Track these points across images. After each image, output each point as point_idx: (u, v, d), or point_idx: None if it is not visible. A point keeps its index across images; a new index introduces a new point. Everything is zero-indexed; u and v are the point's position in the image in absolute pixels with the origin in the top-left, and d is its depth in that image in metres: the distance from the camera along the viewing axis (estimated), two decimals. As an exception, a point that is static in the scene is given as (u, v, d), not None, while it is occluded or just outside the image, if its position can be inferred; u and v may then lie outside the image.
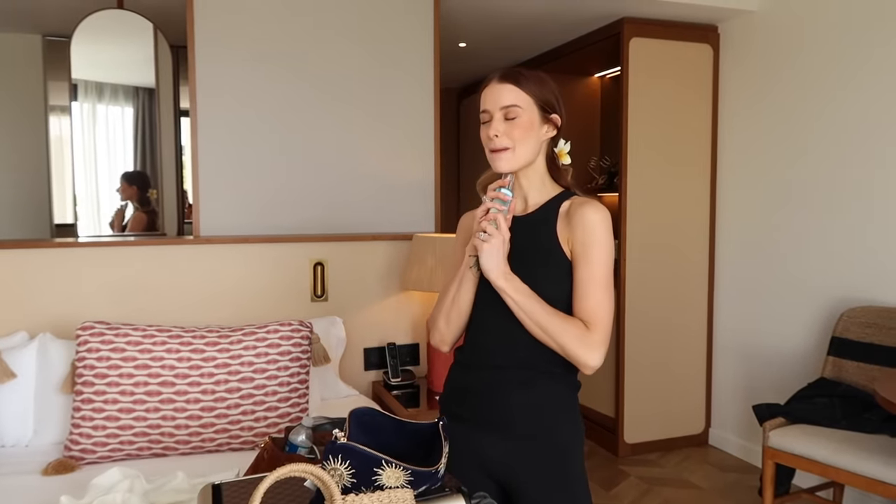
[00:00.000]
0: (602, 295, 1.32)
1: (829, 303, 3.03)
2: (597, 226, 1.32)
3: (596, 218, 1.33)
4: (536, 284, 1.32)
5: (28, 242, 2.52)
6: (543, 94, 1.37)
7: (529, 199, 1.42)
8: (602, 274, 1.33)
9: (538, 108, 1.36)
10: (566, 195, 1.42)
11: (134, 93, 3.50)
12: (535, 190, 1.42)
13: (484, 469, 1.39)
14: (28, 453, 2.10)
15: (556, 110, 1.39)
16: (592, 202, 1.36)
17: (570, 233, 1.35)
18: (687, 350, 3.69)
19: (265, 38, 2.81)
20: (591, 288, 1.32)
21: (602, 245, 1.33)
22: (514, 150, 1.35)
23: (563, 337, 1.29)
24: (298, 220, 2.88)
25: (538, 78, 1.38)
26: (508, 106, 1.34)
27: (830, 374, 2.75)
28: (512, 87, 1.35)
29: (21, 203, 3.86)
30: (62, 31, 3.57)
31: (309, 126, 2.89)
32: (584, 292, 1.32)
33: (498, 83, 1.36)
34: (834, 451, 2.32)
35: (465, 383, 1.44)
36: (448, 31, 3.64)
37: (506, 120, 1.35)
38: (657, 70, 3.52)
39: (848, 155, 2.95)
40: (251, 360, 2.16)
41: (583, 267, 1.33)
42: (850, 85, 2.93)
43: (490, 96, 1.37)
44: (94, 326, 2.11)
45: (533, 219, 1.40)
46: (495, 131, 1.35)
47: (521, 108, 1.34)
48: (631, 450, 3.60)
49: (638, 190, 3.52)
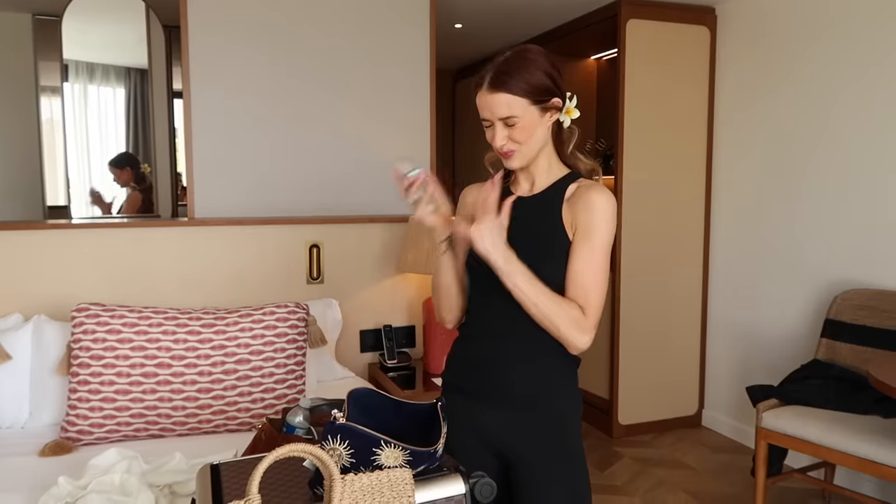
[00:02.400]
0: (598, 278, 1.33)
1: (823, 285, 3.05)
2: (600, 209, 1.32)
3: (600, 201, 1.33)
4: (535, 263, 1.32)
5: (21, 224, 2.50)
6: (536, 86, 1.32)
7: (536, 181, 1.43)
8: (600, 257, 1.33)
9: (535, 104, 1.33)
10: (573, 177, 1.41)
11: (126, 73, 3.46)
12: (542, 173, 1.42)
13: (484, 441, 1.41)
14: (24, 435, 2.10)
15: (555, 92, 1.36)
16: (599, 186, 1.36)
17: (572, 214, 1.35)
18: (681, 332, 3.71)
19: (259, 19, 2.78)
20: (589, 271, 1.32)
21: (603, 228, 1.32)
22: (521, 150, 1.36)
23: (558, 318, 1.30)
24: (294, 202, 2.86)
25: (527, 68, 1.32)
26: (507, 118, 1.32)
27: (824, 356, 2.77)
28: (504, 97, 1.31)
29: (13, 185, 3.82)
30: (53, 9, 3.51)
31: (304, 107, 2.87)
32: (581, 275, 1.33)
33: (489, 93, 1.32)
34: (826, 432, 2.34)
35: (466, 355, 1.46)
36: (444, 12, 3.60)
37: (507, 126, 1.33)
38: (654, 52, 3.50)
39: (844, 138, 2.95)
40: (248, 342, 2.16)
41: (582, 248, 1.33)
42: (847, 68, 2.93)
43: (484, 105, 1.34)
44: (89, 308, 2.11)
45: (537, 199, 1.41)
46: (500, 140, 1.34)
47: (519, 116, 1.32)
48: (625, 431, 3.63)
49: (633, 173, 3.52)
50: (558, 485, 1.37)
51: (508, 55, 1.35)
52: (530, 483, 1.38)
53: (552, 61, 1.36)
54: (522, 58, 1.33)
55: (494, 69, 1.33)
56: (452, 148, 5.57)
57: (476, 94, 1.36)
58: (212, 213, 2.74)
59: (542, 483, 1.37)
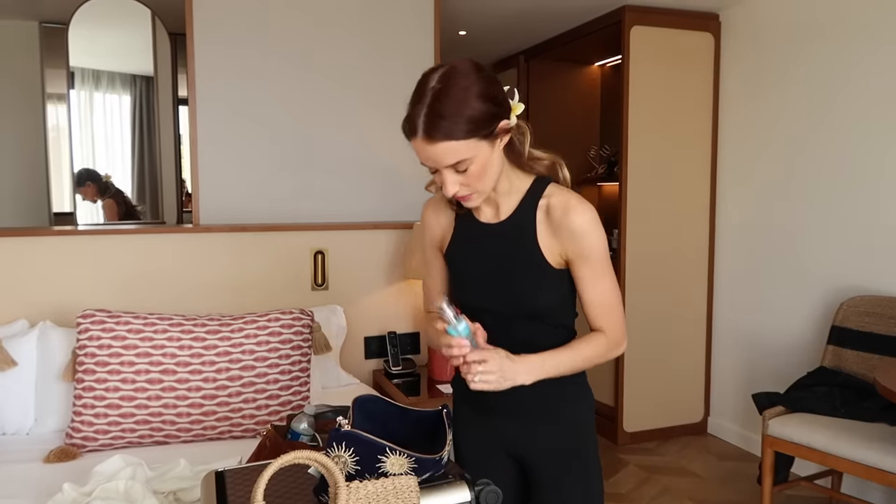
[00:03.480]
0: (610, 297, 1.31)
1: (829, 292, 3.04)
2: (586, 230, 1.25)
3: (582, 224, 1.24)
4: (524, 296, 1.29)
5: (27, 230, 2.51)
6: (480, 119, 1.14)
7: (501, 206, 1.31)
8: (605, 276, 1.30)
9: (484, 138, 1.16)
10: (539, 186, 1.29)
11: (131, 81, 3.48)
12: (504, 195, 1.30)
13: (499, 446, 1.41)
14: (29, 441, 2.10)
15: (499, 115, 1.18)
16: (571, 203, 1.25)
17: (558, 243, 1.27)
18: (686, 339, 3.70)
19: (264, 26, 2.79)
20: (601, 295, 1.30)
21: (597, 246, 1.27)
22: (479, 191, 1.23)
23: (597, 360, 1.31)
24: (298, 209, 2.87)
25: (464, 101, 1.13)
26: (456, 163, 1.17)
27: (830, 363, 2.75)
28: (446, 145, 1.14)
29: (19, 191, 3.84)
30: (59, 17, 3.54)
31: (308, 114, 2.87)
32: (597, 304, 1.30)
33: (426, 143, 1.15)
34: (833, 440, 2.33)
35: None
36: (448, 19, 3.61)
37: (457, 172, 1.19)
38: (658, 58, 3.51)
39: (849, 144, 2.95)
40: (252, 349, 2.16)
41: (586, 275, 1.28)
42: (852, 74, 2.92)
43: (425, 156, 1.18)
44: (94, 314, 2.11)
45: (508, 226, 1.30)
46: (453, 188, 1.20)
47: (469, 157, 1.16)
48: (630, 438, 3.61)
49: (638, 179, 3.51)
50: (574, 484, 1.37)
51: (438, 89, 1.14)
52: (547, 485, 1.38)
53: (486, 76, 1.18)
54: (455, 88, 1.14)
55: (426, 113, 1.14)
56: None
57: (410, 140, 1.19)
58: (217, 219, 2.75)
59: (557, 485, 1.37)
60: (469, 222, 1.36)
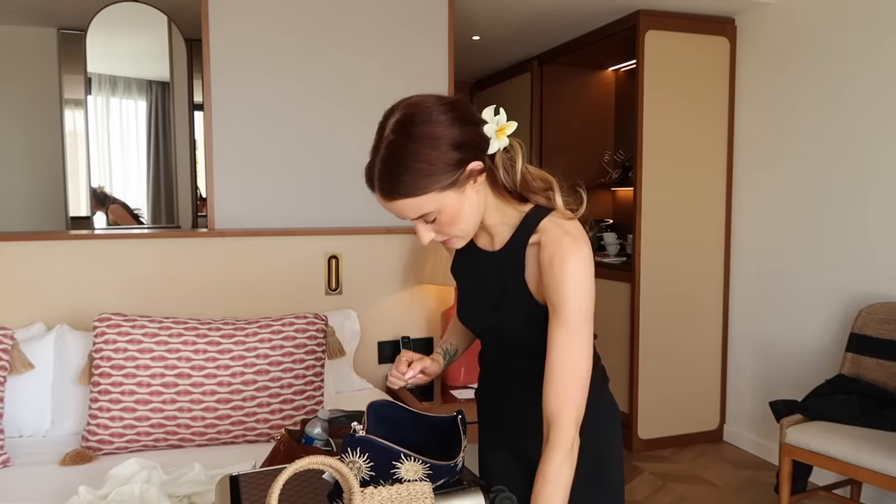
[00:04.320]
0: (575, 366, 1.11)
1: (848, 299, 3.00)
2: (568, 281, 1.10)
3: (566, 271, 1.10)
4: (510, 334, 1.25)
5: (45, 234, 2.53)
6: (439, 172, 1.05)
7: (495, 237, 1.24)
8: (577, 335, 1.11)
9: (447, 188, 1.07)
10: (531, 221, 1.18)
11: (147, 86, 3.51)
12: (497, 226, 1.22)
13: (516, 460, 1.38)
14: (46, 443, 2.12)
15: (468, 157, 1.08)
16: (563, 247, 1.11)
17: (542, 287, 1.15)
18: (702, 345, 3.66)
19: (280, 33, 2.81)
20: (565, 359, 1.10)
21: (572, 298, 1.10)
22: (458, 235, 1.16)
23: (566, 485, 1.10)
24: (312, 213, 2.88)
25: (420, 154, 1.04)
26: (421, 216, 1.10)
27: (849, 370, 2.72)
28: (403, 203, 1.07)
29: (37, 196, 3.88)
30: (77, 24, 3.58)
31: (323, 119, 2.88)
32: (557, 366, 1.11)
33: (384, 200, 1.09)
34: (852, 449, 2.30)
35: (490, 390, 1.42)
36: (462, 24, 3.62)
37: (427, 223, 1.12)
38: (673, 63, 3.49)
39: (866, 149, 2.91)
40: (267, 353, 2.16)
41: (556, 329, 1.11)
42: (869, 79, 2.89)
43: (390, 210, 1.11)
44: (110, 318, 2.12)
45: (500, 259, 1.23)
46: (426, 238, 1.14)
47: (433, 210, 1.08)
48: (645, 445, 3.58)
49: (653, 184, 3.49)
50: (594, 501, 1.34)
51: (391, 140, 1.07)
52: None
53: (450, 117, 1.07)
54: (410, 140, 1.05)
55: (379, 169, 1.07)
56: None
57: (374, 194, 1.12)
58: (231, 224, 2.76)
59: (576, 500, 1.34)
60: (470, 245, 1.30)
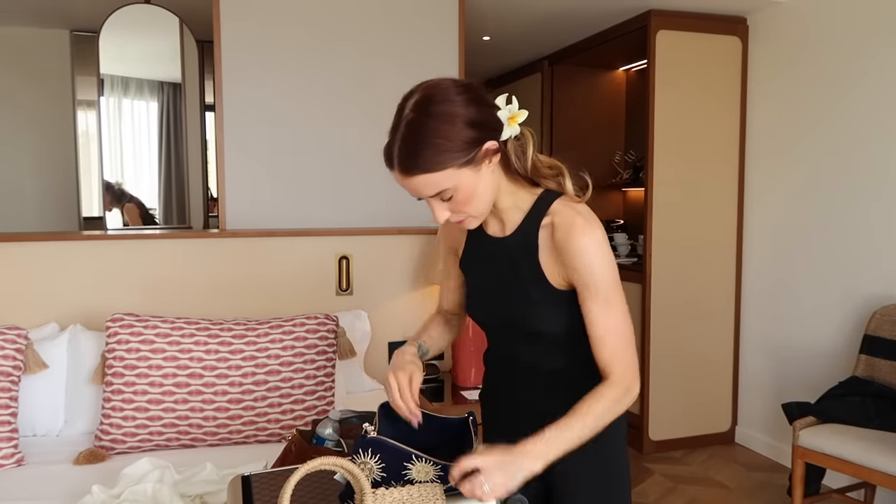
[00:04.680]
0: (620, 331, 1.17)
1: (861, 300, 2.97)
2: (589, 252, 1.14)
3: (587, 247, 1.14)
4: (523, 319, 1.24)
5: (58, 235, 2.55)
6: (456, 149, 1.09)
7: (506, 220, 1.26)
8: (611, 306, 1.17)
9: (464, 165, 1.10)
10: (543, 204, 1.21)
11: (159, 87, 3.54)
12: (508, 210, 1.24)
13: None
14: (59, 443, 2.14)
15: (483, 136, 1.11)
16: (576, 225, 1.15)
17: (561, 265, 1.18)
18: (713, 346, 3.64)
19: (290, 34, 2.82)
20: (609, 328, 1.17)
21: (604, 272, 1.15)
22: (472, 214, 1.18)
23: (608, 418, 1.16)
24: (323, 214, 2.88)
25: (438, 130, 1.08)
26: (437, 193, 1.12)
27: (863, 372, 2.69)
28: (421, 178, 1.10)
29: (50, 196, 3.92)
30: (90, 26, 3.61)
31: (334, 120, 2.89)
32: (605, 340, 1.17)
33: (403, 177, 1.12)
34: (866, 451, 2.28)
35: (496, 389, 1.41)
36: (472, 24, 3.62)
37: (443, 201, 1.14)
38: (684, 63, 3.47)
39: (880, 149, 2.89)
40: (278, 353, 2.17)
41: (593, 305, 1.16)
42: (881, 78, 2.86)
43: (406, 187, 1.14)
44: (123, 318, 2.14)
45: (511, 243, 1.25)
46: (443, 216, 1.16)
47: (450, 187, 1.11)
48: (655, 447, 3.57)
49: (664, 185, 3.48)
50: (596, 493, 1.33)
51: (410, 119, 1.11)
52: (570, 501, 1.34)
53: (468, 97, 1.12)
54: (429, 117, 1.09)
55: (399, 146, 1.11)
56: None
57: (389, 168, 1.15)
58: (242, 224, 2.77)
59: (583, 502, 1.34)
60: (479, 235, 1.33)
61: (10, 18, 3.66)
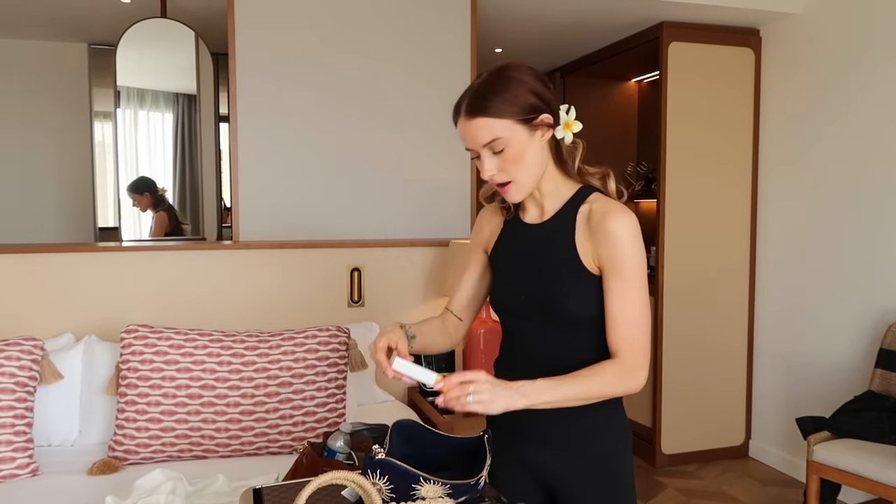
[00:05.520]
0: (637, 315, 1.23)
1: (877, 313, 2.94)
2: (622, 238, 1.21)
3: (620, 228, 1.21)
4: (562, 301, 1.26)
5: (73, 246, 2.58)
6: (519, 104, 1.20)
7: (546, 205, 1.32)
8: (636, 291, 1.23)
9: (520, 123, 1.20)
10: (583, 194, 1.30)
11: (174, 99, 3.58)
12: (549, 196, 1.31)
13: (529, 472, 1.37)
14: (73, 453, 2.15)
15: (542, 108, 1.23)
16: (613, 209, 1.24)
17: (593, 247, 1.24)
18: (727, 359, 3.62)
19: (303, 47, 2.84)
20: (627, 310, 1.23)
21: (632, 257, 1.22)
22: (517, 181, 1.25)
23: (606, 393, 1.23)
24: (335, 226, 2.90)
25: (506, 87, 1.20)
26: (491, 142, 1.20)
27: (878, 387, 2.67)
28: (483, 120, 1.19)
29: (66, 207, 3.97)
30: (108, 39, 3.67)
31: (346, 132, 2.91)
32: (620, 320, 1.23)
33: (467, 120, 1.21)
34: (882, 467, 2.25)
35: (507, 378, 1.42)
36: (484, 36, 3.63)
37: (494, 153, 1.22)
38: (697, 74, 3.47)
39: (894, 160, 2.87)
40: (290, 365, 2.18)
41: (615, 286, 1.23)
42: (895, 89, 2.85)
43: (465, 135, 1.23)
44: (137, 329, 2.16)
45: (549, 227, 1.31)
46: (490, 170, 1.23)
47: (504, 138, 1.20)
48: (668, 461, 3.54)
49: (676, 196, 3.47)
50: None
51: (485, 76, 1.24)
52: None
53: (537, 76, 1.24)
54: (501, 77, 1.22)
55: (471, 94, 1.23)
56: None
57: (455, 121, 1.25)
58: (256, 236, 2.79)
59: None
60: (515, 224, 1.38)
61: (31, 32, 3.72)
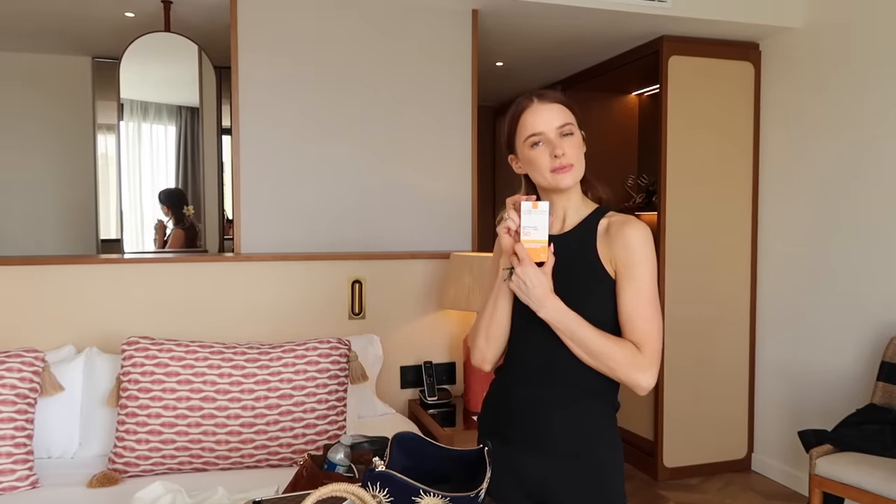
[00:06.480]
0: (651, 313, 1.32)
1: (878, 326, 2.94)
2: (639, 245, 1.32)
3: (637, 236, 1.32)
4: (580, 305, 1.31)
5: (75, 258, 2.59)
6: (576, 112, 1.40)
7: (567, 218, 1.41)
8: (649, 292, 1.32)
9: (577, 122, 1.39)
10: (602, 211, 1.41)
11: (177, 111, 3.60)
12: (573, 209, 1.42)
13: (522, 487, 1.38)
14: (73, 465, 2.15)
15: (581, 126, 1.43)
16: (631, 220, 1.35)
17: (611, 252, 1.34)
18: (729, 372, 3.61)
19: (305, 60, 2.87)
20: (640, 308, 1.31)
21: (646, 263, 1.32)
22: (576, 167, 1.36)
23: (613, 360, 1.29)
24: (337, 238, 2.91)
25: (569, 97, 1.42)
26: (564, 125, 1.35)
27: (881, 400, 2.66)
28: (560, 107, 1.36)
29: (69, 218, 3.99)
30: (112, 52, 3.70)
31: (348, 145, 2.93)
32: (633, 313, 1.31)
33: (544, 104, 1.36)
34: (885, 481, 2.24)
35: (505, 401, 1.43)
36: (485, 50, 3.66)
37: (562, 136, 1.35)
38: (697, 88, 3.48)
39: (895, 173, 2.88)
40: (290, 377, 2.18)
41: (629, 287, 1.32)
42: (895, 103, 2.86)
43: (541, 118, 1.35)
44: (138, 341, 2.16)
45: (571, 237, 1.39)
46: (561, 149, 1.34)
47: (573, 125, 1.37)
48: (670, 474, 3.52)
49: (677, 209, 3.47)
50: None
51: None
52: None
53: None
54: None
55: (543, 91, 1.40)
56: (493, 184, 5.59)
57: (522, 113, 1.37)
58: (257, 248, 2.80)
59: None
60: None
61: (36, 45, 3.75)
